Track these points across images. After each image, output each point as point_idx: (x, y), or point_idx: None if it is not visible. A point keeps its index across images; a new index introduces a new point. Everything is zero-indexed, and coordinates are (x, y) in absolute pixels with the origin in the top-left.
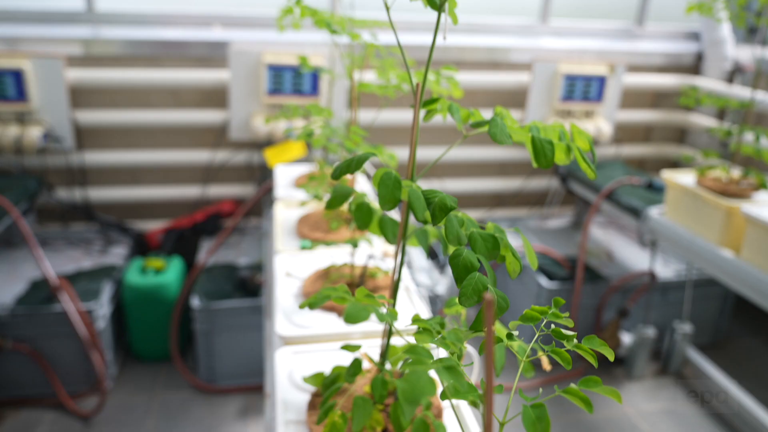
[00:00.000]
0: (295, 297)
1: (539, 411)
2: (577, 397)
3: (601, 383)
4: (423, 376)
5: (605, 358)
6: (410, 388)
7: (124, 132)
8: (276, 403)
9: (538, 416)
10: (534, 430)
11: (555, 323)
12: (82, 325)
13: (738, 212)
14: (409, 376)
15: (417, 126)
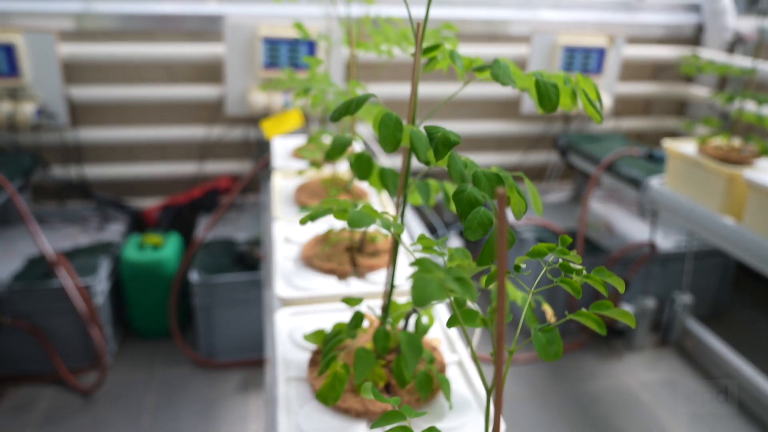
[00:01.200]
0: (294, 261)
1: (550, 334)
2: (590, 320)
3: (612, 306)
4: (432, 281)
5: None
6: (419, 293)
7: (119, 108)
8: (277, 362)
9: (549, 340)
10: (546, 355)
11: (563, 258)
12: (80, 300)
13: (740, 179)
14: (417, 281)
15: (418, 69)
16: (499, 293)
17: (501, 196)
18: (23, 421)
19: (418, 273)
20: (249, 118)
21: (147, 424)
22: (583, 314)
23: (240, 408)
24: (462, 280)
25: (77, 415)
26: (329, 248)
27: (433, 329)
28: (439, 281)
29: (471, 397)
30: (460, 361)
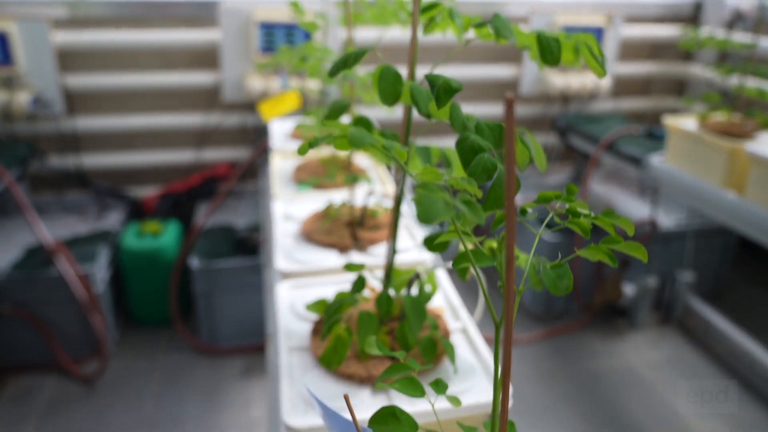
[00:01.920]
0: (294, 237)
1: (560, 269)
2: (601, 253)
3: (622, 241)
4: (437, 201)
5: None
6: (424, 211)
7: (115, 96)
8: (279, 332)
9: (559, 274)
10: (556, 289)
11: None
12: (80, 288)
13: (741, 152)
14: (422, 199)
15: (415, 28)
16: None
17: (509, 101)
18: (25, 411)
19: (423, 192)
20: (246, 104)
21: (150, 410)
22: (593, 248)
23: (242, 393)
24: (469, 203)
25: (79, 403)
26: (329, 223)
27: (436, 300)
28: (444, 201)
29: (476, 363)
30: (463, 328)
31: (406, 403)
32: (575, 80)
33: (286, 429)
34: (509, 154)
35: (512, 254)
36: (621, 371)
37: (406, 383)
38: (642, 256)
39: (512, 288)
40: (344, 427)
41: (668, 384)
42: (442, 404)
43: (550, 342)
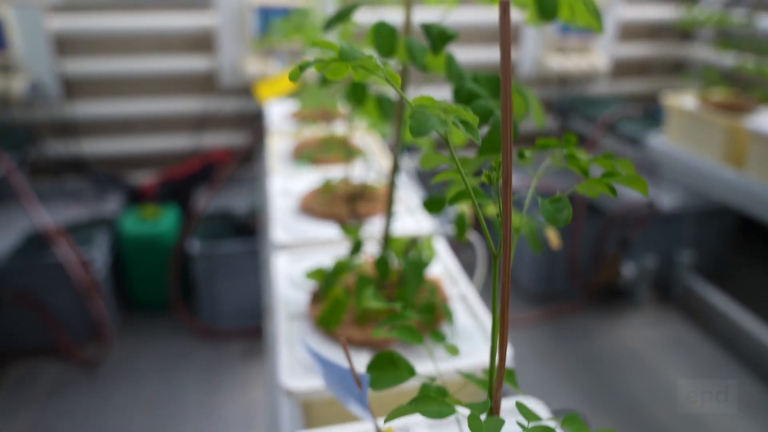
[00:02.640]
0: (291, 211)
1: (558, 203)
2: (602, 185)
3: (622, 175)
4: (432, 116)
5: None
6: (418, 124)
7: (112, 81)
8: (277, 301)
9: (558, 207)
10: (555, 221)
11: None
12: (81, 273)
13: (741, 129)
14: (417, 113)
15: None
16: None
17: (504, 4)
18: (28, 394)
19: (418, 106)
20: (244, 89)
21: (152, 392)
22: (593, 181)
23: (242, 375)
24: (465, 122)
25: (82, 386)
26: (327, 197)
27: (434, 269)
28: (440, 115)
29: (474, 327)
30: (462, 294)
31: None
32: (573, 63)
33: (285, 392)
34: (504, 59)
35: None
36: (620, 351)
37: (404, 330)
38: (642, 189)
39: (510, 218)
40: (341, 375)
41: (668, 363)
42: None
43: (549, 322)
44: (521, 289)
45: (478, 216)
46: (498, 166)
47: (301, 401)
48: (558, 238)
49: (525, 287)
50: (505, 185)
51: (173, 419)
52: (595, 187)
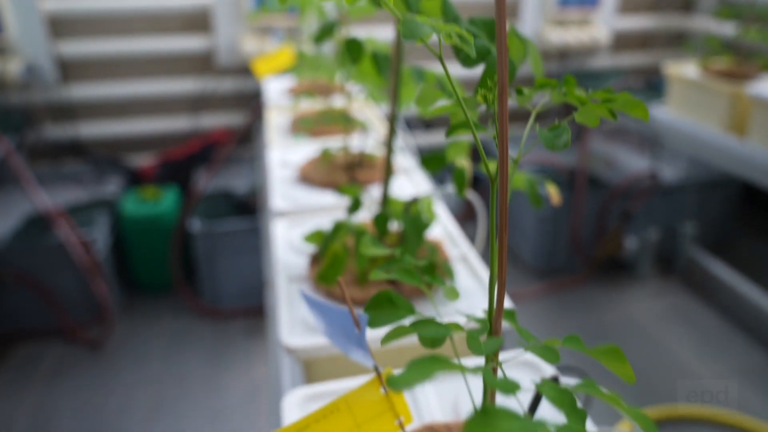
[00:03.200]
0: (290, 181)
1: (557, 129)
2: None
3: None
4: (423, 23)
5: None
6: (407, 29)
7: (108, 63)
8: (276, 265)
9: (556, 133)
10: (554, 146)
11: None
12: (82, 254)
13: (743, 96)
14: (406, 22)
15: None
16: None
17: None
18: (32, 374)
19: (409, 15)
20: (241, 68)
21: (156, 371)
22: (592, 107)
23: (245, 353)
24: (462, 38)
25: (85, 366)
26: (326, 167)
27: (434, 232)
28: (430, 22)
29: (476, 287)
30: (463, 255)
31: None
32: (573, 36)
33: (286, 350)
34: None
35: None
36: (623, 322)
37: (404, 272)
38: (643, 114)
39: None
40: (339, 318)
41: (671, 334)
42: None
43: (551, 296)
44: (523, 263)
45: (477, 145)
46: (494, 85)
47: (302, 359)
48: (558, 195)
49: (527, 262)
50: (500, 97)
51: (177, 397)
52: (593, 112)
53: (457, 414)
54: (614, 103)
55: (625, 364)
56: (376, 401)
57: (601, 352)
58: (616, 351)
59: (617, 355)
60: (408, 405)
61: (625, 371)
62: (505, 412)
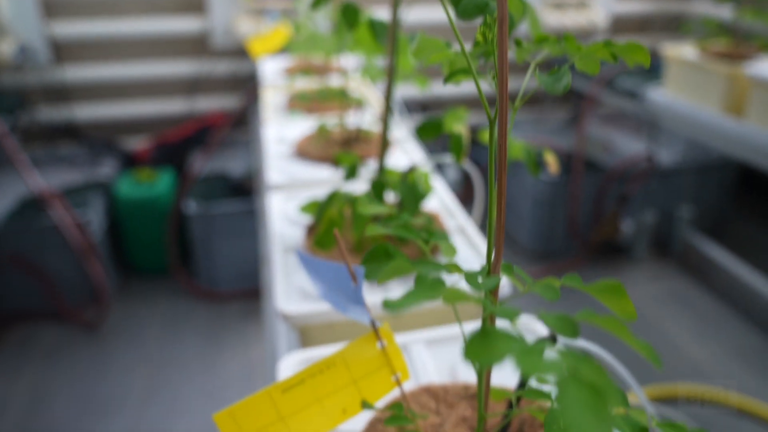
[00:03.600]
0: (286, 156)
1: (557, 72)
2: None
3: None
4: None
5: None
6: None
7: (102, 44)
8: (273, 236)
9: (557, 78)
10: (554, 89)
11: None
12: (77, 236)
13: (741, 76)
14: None
15: None
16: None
17: None
18: (28, 357)
19: None
20: (237, 51)
21: (152, 352)
22: (592, 49)
23: (241, 335)
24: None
25: (81, 349)
26: (323, 142)
27: (431, 204)
28: None
29: (473, 257)
30: (461, 227)
31: (402, 289)
32: (571, 19)
33: (282, 316)
34: None
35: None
36: None
37: (401, 227)
38: (644, 58)
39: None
40: (335, 274)
41: (667, 316)
42: None
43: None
44: (520, 246)
45: (478, 90)
46: (493, 22)
47: (298, 326)
48: (556, 163)
49: (524, 245)
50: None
51: (173, 378)
52: (594, 55)
53: (454, 378)
54: (614, 47)
55: (626, 300)
56: (372, 357)
57: (600, 288)
58: (616, 287)
59: (618, 291)
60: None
61: (626, 308)
62: (504, 334)
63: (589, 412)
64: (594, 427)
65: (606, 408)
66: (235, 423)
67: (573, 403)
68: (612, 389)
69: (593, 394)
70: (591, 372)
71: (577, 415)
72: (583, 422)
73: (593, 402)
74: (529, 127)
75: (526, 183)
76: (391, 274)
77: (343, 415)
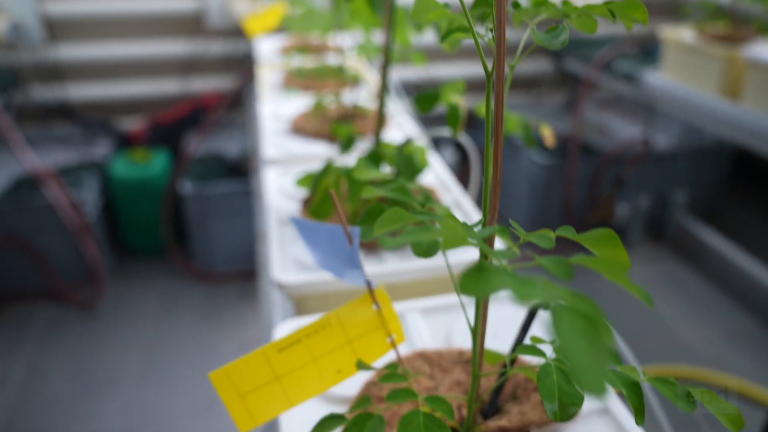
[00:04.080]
0: (282, 132)
1: (555, 30)
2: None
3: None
4: None
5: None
6: None
7: (96, 23)
8: (268, 209)
9: (554, 34)
10: (551, 45)
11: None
12: (72, 215)
13: (738, 59)
14: None
15: None
16: None
17: None
18: (23, 336)
19: None
20: (233, 31)
21: (147, 331)
22: (589, 8)
23: (237, 316)
24: None
25: (76, 328)
26: (319, 118)
27: (427, 179)
28: None
29: None
30: (457, 201)
31: (397, 260)
32: None
33: (277, 285)
34: None
35: None
36: (613, 288)
37: (398, 190)
38: (642, 17)
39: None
40: (330, 236)
41: (660, 299)
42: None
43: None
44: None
45: (477, 48)
46: None
47: (293, 296)
48: (552, 136)
49: None
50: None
51: (168, 357)
52: (591, 13)
53: (449, 346)
54: (612, 5)
55: (621, 249)
56: (368, 318)
57: (593, 238)
58: (610, 236)
59: (612, 240)
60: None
61: (620, 256)
62: (499, 269)
63: (583, 339)
64: (589, 353)
65: (600, 336)
66: (230, 382)
67: (568, 330)
68: (603, 321)
69: (587, 322)
70: (584, 304)
71: (573, 342)
72: (578, 349)
73: (587, 330)
74: (525, 110)
75: (521, 166)
76: (386, 224)
77: (338, 375)
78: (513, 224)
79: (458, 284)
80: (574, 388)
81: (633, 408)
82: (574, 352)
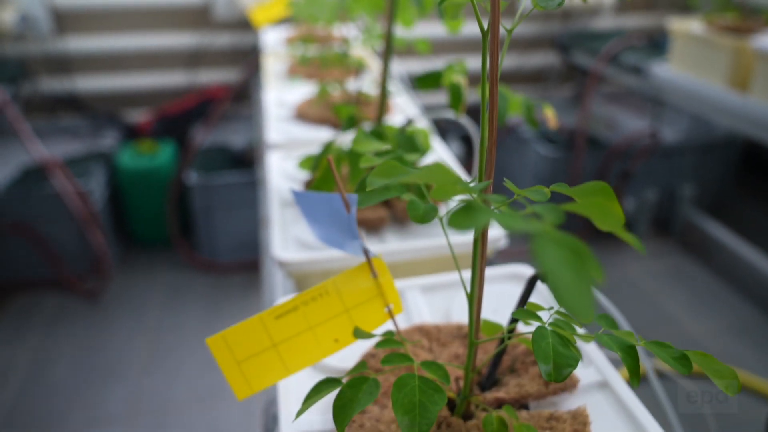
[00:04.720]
0: (286, 119)
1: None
2: None
3: None
4: None
5: None
6: None
7: (104, 15)
8: (271, 191)
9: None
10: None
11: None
12: (79, 205)
13: (747, 50)
14: None
15: None
16: None
17: None
18: (30, 325)
19: None
20: (239, 23)
21: (153, 321)
22: None
23: (242, 305)
24: None
25: (83, 317)
26: (322, 105)
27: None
28: None
29: None
30: None
31: (398, 240)
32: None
33: (278, 263)
34: None
35: None
36: (620, 282)
37: (396, 159)
38: None
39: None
40: (328, 205)
41: (667, 293)
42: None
43: None
44: None
45: (474, 9)
46: None
47: (294, 274)
48: (555, 118)
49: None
50: None
51: (173, 347)
52: None
53: (448, 321)
54: None
55: (615, 202)
56: (365, 287)
57: (587, 190)
58: (604, 188)
59: (605, 192)
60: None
61: (613, 209)
62: (485, 207)
63: (569, 269)
64: (575, 283)
65: (585, 265)
66: (227, 347)
67: (552, 260)
68: (590, 254)
69: (573, 253)
70: (569, 238)
71: (558, 273)
72: (563, 279)
73: (572, 260)
74: None
75: (528, 159)
76: (382, 174)
77: (336, 344)
78: (507, 182)
79: (447, 221)
80: (569, 350)
81: (628, 370)
82: (559, 277)
